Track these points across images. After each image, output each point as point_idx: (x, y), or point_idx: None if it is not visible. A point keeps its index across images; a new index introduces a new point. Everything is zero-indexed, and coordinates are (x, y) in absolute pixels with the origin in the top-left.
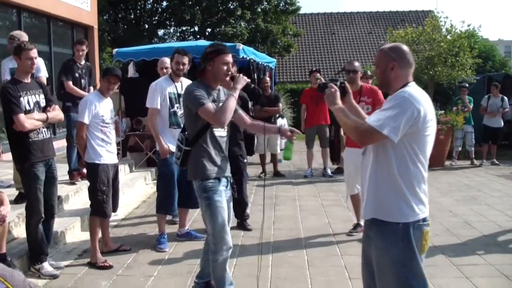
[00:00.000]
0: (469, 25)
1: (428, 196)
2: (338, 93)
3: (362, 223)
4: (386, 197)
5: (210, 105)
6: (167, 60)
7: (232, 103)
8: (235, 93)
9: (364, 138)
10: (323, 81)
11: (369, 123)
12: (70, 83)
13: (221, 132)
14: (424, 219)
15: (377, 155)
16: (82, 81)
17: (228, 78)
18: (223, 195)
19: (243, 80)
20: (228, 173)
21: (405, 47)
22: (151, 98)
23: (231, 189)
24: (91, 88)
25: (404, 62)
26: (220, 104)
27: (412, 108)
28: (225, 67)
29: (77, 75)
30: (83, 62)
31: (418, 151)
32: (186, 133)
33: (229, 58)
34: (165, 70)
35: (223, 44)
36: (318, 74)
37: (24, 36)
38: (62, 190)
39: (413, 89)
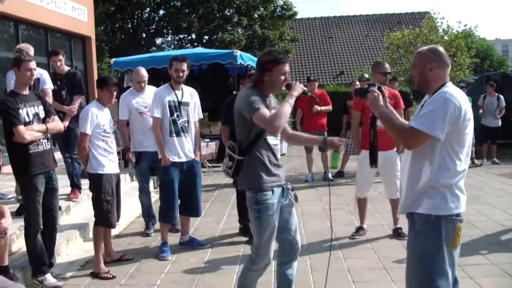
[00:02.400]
0: (465, 25)
1: None
2: (381, 97)
3: (365, 226)
4: (421, 190)
5: (266, 110)
6: (143, 73)
7: (288, 109)
8: (291, 99)
9: (412, 141)
10: (310, 94)
11: (416, 127)
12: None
13: (274, 140)
14: (457, 215)
15: (415, 152)
16: (63, 92)
17: (284, 88)
18: (275, 208)
19: (300, 88)
20: (283, 180)
21: (442, 49)
22: (151, 108)
23: (289, 196)
24: (77, 97)
25: (442, 62)
26: (271, 110)
27: (454, 107)
28: (283, 77)
29: (56, 87)
30: (65, 71)
31: (457, 148)
32: (237, 142)
33: (287, 67)
34: (142, 84)
35: (281, 52)
36: (316, 83)
37: (31, 49)
38: (63, 201)
39: (452, 89)
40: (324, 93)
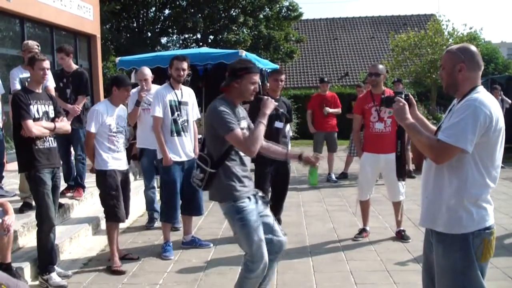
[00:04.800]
0: (471, 28)
1: None
2: (407, 107)
3: (368, 228)
4: (446, 207)
5: (239, 131)
6: (146, 72)
7: (262, 131)
8: (264, 119)
9: (440, 156)
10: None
11: (443, 140)
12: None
13: None
14: (487, 228)
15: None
16: (67, 90)
17: (252, 97)
18: (256, 213)
19: (272, 104)
20: (253, 191)
21: (474, 48)
22: (152, 107)
23: (262, 202)
24: (81, 97)
25: (473, 63)
26: (241, 122)
27: (484, 116)
28: (252, 87)
29: (61, 84)
30: (73, 69)
31: (486, 160)
32: (206, 152)
33: (257, 77)
34: (144, 83)
35: (252, 62)
36: (329, 85)
37: (35, 46)
38: (66, 199)
39: (483, 95)
40: (335, 96)
